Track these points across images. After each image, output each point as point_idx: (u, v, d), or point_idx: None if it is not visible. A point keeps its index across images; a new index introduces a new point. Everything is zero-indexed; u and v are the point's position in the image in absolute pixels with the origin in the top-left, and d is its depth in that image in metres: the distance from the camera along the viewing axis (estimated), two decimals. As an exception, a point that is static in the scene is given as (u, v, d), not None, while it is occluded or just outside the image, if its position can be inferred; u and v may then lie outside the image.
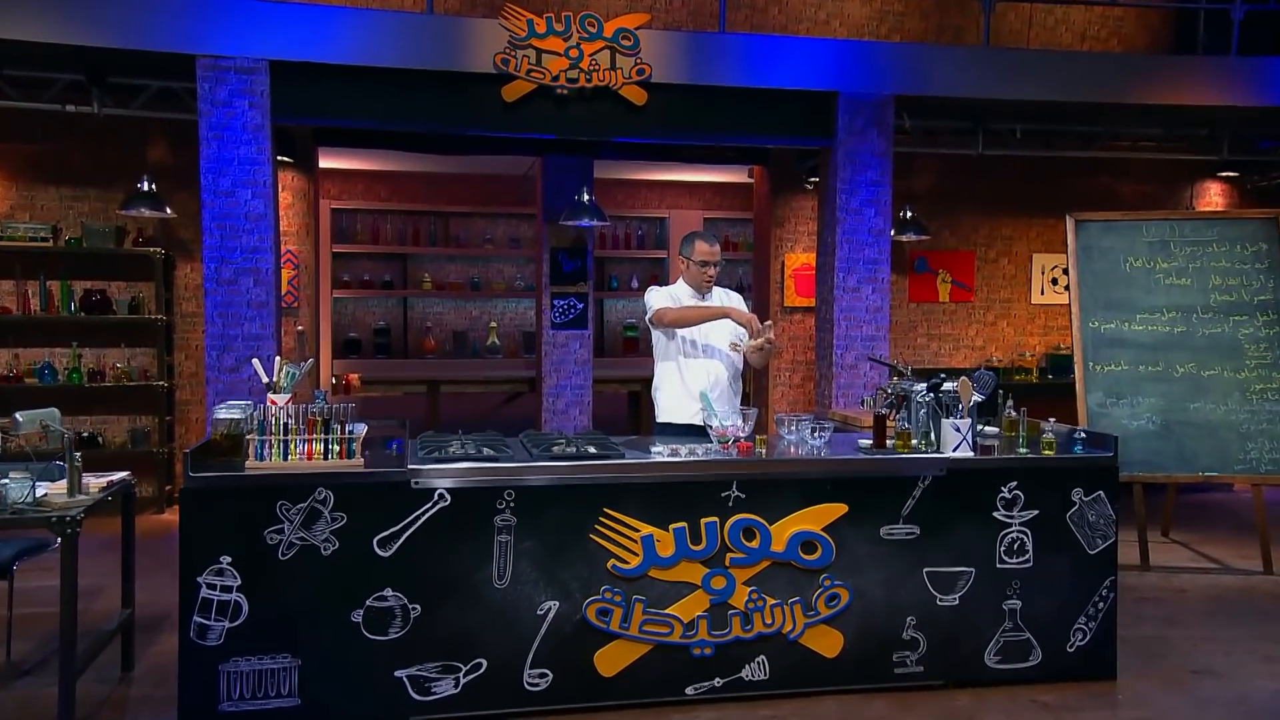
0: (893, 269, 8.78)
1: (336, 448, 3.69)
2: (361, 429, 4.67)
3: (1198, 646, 4.75)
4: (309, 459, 3.65)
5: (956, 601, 4.08)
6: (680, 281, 4.79)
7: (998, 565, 4.11)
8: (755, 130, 6.97)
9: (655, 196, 11.09)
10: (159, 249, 7.24)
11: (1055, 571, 4.16)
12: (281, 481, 3.56)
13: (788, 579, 3.95)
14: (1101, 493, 4.20)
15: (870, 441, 4.22)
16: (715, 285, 4.79)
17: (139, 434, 7.24)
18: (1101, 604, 4.21)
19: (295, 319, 7.78)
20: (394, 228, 10.47)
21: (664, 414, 4.79)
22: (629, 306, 11.10)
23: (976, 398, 4.26)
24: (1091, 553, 4.20)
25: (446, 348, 10.65)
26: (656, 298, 4.70)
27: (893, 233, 8.04)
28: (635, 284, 10.92)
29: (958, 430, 4.10)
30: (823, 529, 3.96)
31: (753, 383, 8.91)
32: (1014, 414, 4.62)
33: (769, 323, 4.45)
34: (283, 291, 7.56)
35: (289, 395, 4.44)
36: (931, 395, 4.23)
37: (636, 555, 3.82)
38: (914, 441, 4.16)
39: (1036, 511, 4.14)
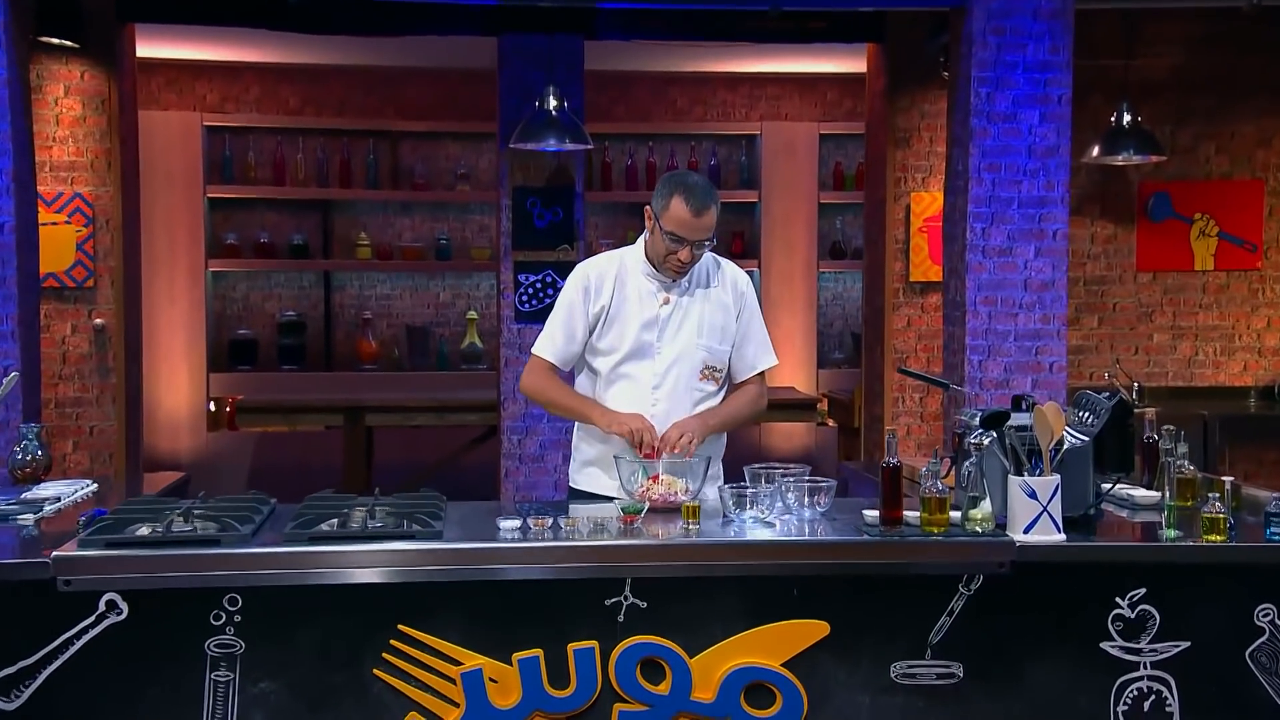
0: (1104, 212, 8.70)
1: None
2: (78, 491, 4.68)
3: None
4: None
5: (1037, 800, 3.98)
6: (640, 244, 4.66)
7: (1114, 737, 4.00)
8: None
9: (740, 101, 11.00)
10: None
11: (1224, 751, 4.03)
12: None
13: (723, 751, 3.87)
14: (1312, 614, 4.07)
15: (877, 513, 4.00)
16: (713, 257, 4.69)
17: None
18: (1320, 814, 4.06)
19: (91, 307, 7.90)
20: (310, 157, 10.59)
21: (580, 473, 4.81)
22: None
23: (1074, 440, 4.06)
24: (1297, 719, 4.05)
25: (395, 353, 10.73)
26: (555, 308, 4.70)
27: (1096, 152, 7.95)
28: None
29: (1032, 496, 3.88)
30: (785, 664, 3.86)
31: (862, 413, 8.68)
32: (1188, 467, 4.42)
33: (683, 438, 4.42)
34: (67, 262, 7.74)
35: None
36: (992, 436, 3.98)
37: (455, 706, 3.77)
38: (953, 514, 3.96)
39: (1185, 644, 3.97)
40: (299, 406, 9.40)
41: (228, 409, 10.11)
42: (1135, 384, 8.16)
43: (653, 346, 4.58)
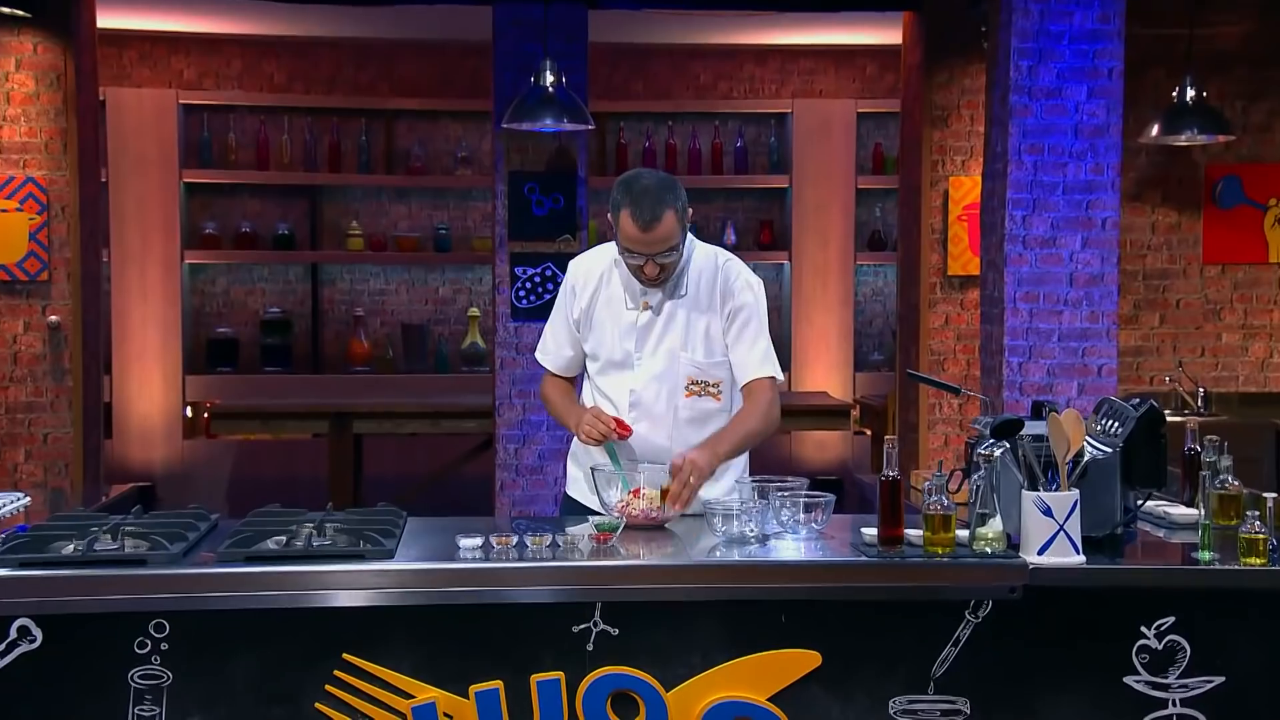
0: (1166, 198, 8.66)
1: None
2: (7, 505, 4.68)
3: None
4: None
5: None
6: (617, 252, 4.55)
7: (1139, 782, 3.97)
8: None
9: (770, 76, 11.04)
10: None
11: (1266, 800, 3.97)
12: None
13: (702, 796, 3.87)
14: (1368, 646, 3.98)
15: (875, 532, 3.95)
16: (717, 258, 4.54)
17: None
18: None
19: (45, 303, 7.93)
20: (296, 138, 10.64)
21: (573, 480, 4.80)
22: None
23: (1095, 451, 4.01)
24: (1349, 767, 3.97)
25: (389, 354, 10.75)
26: (553, 313, 4.67)
27: (1156, 131, 7.89)
28: (731, 236, 10.75)
29: (1048, 513, 3.82)
30: (771, 699, 3.80)
31: (896, 420, 8.63)
32: (1230, 481, 4.34)
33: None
34: (18, 254, 7.79)
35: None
36: (1004, 447, 3.93)
37: (405, 744, 3.77)
38: (960, 533, 3.92)
39: (1220, 679, 3.88)
40: (280, 412, 9.34)
41: (205, 415, 10.14)
42: (1200, 389, 8.10)
43: (631, 357, 4.51)
